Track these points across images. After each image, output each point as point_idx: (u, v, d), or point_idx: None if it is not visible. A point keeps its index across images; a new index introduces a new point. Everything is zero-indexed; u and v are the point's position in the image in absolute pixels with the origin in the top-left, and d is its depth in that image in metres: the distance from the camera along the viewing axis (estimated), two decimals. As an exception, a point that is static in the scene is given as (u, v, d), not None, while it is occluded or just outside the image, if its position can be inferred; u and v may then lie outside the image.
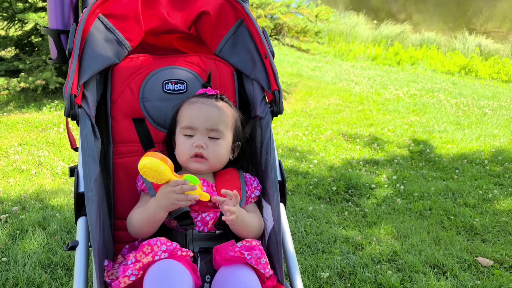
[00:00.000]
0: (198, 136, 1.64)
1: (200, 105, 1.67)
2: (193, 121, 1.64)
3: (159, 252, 1.39)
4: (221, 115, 1.67)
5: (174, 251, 1.40)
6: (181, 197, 1.45)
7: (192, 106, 1.68)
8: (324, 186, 3.80)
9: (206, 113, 1.65)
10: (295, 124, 5.65)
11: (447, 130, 5.71)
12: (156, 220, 1.53)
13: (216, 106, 1.68)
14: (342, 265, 2.69)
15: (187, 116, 1.66)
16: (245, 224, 1.58)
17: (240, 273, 1.41)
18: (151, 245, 1.43)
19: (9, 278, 2.40)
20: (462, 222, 3.33)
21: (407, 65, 11.18)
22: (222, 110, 1.68)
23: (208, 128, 1.64)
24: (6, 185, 3.49)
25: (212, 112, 1.66)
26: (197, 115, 1.64)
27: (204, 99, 1.69)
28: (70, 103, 1.55)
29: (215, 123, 1.65)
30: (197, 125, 1.64)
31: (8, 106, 5.53)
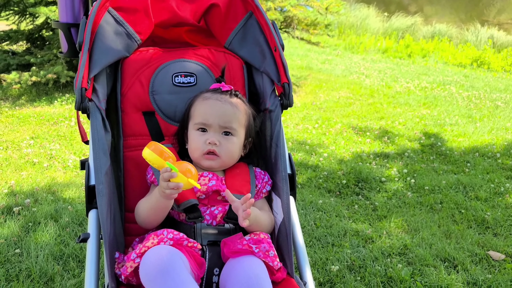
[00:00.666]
0: (211, 133, 1.64)
1: (214, 102, 1.66)
2: (207, 117, 1.64)
3: (164, 239, 1.41)
4: (235, 112, 1.66)
5: (180, 241, 1.41)
6: (164, 184, 1.43)
7: (206, 102, 1.67)
8: (334, 179, 3.79)
9: (220, 110, 1.64)
10: (305, 117, 5.64)
11: (459, 123, 5.66)
12: (160, 208, 1.53)
13: (230, 103, 1.67)
14: (352, 258, 2.69)
15: (201, 112, 1.66)
16: (257, 224, 1.59)
17: (246, 262, 1.41)
18: (158, 235, 1.44)
19: (22, 269, 2.43)
20: (474, 215, 3.30)
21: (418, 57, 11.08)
22: (236, 108, 1.67)
23: (221, 125, 1.64)
24: (18, 177, 3.53)
25: (226, 109, 1.65)
26: (211, 112, 1.64)
27: (218, 95, 1.69)
28: (80, 96, 1.56)
29: (229, 120, 1.64)
30: (211, 122, 1.63)
31: (20, 100, 5.59)
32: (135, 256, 1.39)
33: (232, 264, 1.43)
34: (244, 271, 1.37)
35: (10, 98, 5.65)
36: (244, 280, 1.34)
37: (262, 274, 1.39)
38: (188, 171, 1.42)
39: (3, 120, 4.88)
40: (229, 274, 1.41)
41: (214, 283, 1.46)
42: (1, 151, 4.03)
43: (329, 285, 2.45)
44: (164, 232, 1.44)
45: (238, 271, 1.38)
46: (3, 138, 4.33)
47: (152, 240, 1.40)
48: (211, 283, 1.46)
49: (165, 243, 1.39)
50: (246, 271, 1.37)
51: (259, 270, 1.39)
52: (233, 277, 1.38)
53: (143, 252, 1.38)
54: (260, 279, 1.36)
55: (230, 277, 1.39)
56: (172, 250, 1.36)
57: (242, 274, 1.36)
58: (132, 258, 1.39)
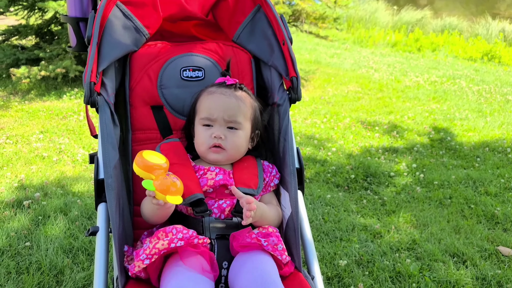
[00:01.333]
0: (217, 127, 1.63)
1: (219, 96, 1.66)
2: (212, 112, 1.63)
3: (175, 240, 1.40)
4: (240, 106, 1.66)
5: (190, 239, 1.41)
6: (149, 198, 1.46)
7: (211, 96, 1.67)
8: (342, 174, 3.78)
9: (225, 104, 1.64)
10: (313, 111, 5.62)
11: (469, 118, 5.61)
12: (161, 213, 1.53)
13: (235, 96, 1.66)
14: (360, 253, 2.68)
15: (206, 107, 1.65)
16: (264, 219, 1.58)
17: (257, 259, 1.41)
18: (166, 232, 1.44)
19: (32, 262, 2.45)
20: (483, 211, 3.28)
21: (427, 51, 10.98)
22: (241, 101, 1.66)
23: (226, 119, 1.63)
24: (28, 171, 3.56)
25: (231, 103, 1.64)
26: (216, 106, 1.64)
27: (223, 89, 1.68)
28: (89, 90, 1.56)
29: (234, 114, 1.64)
30: (216, 116, 1.63)
31: (30, 94, 5.62)
32: (145, 257, 1.38)
33: (242, 260, 1.43)
34: (255, 269, 1.37)
35: (19, 93, 5.69)
36: (255, 278, 1.34)
37: (272, 272, 1.39)
38: (168, 187, 1.38)
39: (13, 114, 4.92)
40: (240, 271, 1.40)
41: (223, 276, 1.46)
42: (11, 145, 4.07)
43: (337, 279, 2.45)
44: (173, 230, 1.44)
45: (248, 268, 1.38)
46: (13, 132, 4.36)
47: (163, 241, 1.39)
48: (220, 276, 1.46)
49: (175, 244, 1.38)
50: (257, 269, 1.37)
51: (270, 268, 1.39)
52: (243, 275, 1.38)
53: (153, 254, 1.37)
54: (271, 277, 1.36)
55: (240, 275, 1.39)
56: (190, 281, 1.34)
57: (253, 272, 1.36)
58: (142, 258, 1.38)
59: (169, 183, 1.40)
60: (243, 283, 1.36)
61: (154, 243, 1.40)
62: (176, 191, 1.40)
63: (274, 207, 1.67)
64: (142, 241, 1.59)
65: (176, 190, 1.41)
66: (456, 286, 2.43)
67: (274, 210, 1.65)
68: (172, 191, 1.39)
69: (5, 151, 3.92)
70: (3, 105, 5.22)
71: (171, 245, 1.38)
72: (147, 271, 1.44)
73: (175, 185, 1.40)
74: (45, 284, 2.30)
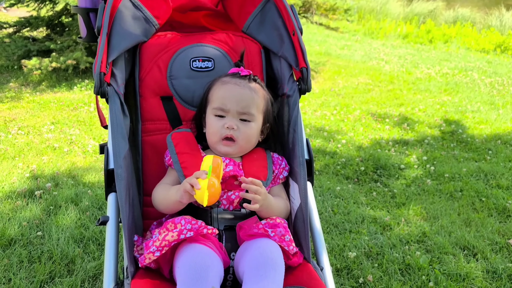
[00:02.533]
0: (229, 118, 1.62)
1: (233, 86, 1.65)
2: (225, 102, 1.62)
3: (184, 231, 1.40)
4: (254, 97, 1.65)
5: (199, 230, 1.41)
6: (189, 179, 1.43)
7: (225, 86, 1.66)
8: (352, 166, 3.77)
9: (239, 95, 1.63)
10: (323, 103, 5.59)
11: (481, 110, 5.55)
12: (175, 206, 1.53)
13: (249, 88, 1.65)
14: (370, 245, 2.67)
15: (219, 97, 1.64)
16: (271, 210, 1.58)
17: (261, 242, 1.41)
18: (175, 223, 1.45)
19: (44, 251, 2.48)
20: (495, 204, 3.25)
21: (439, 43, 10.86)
22: (254, 93, 1.65)
23: (240, 111, 1.62)
24: (40, 162, 3.59)
25: (245, 94, 1.63)
26: (230, 96, 1.63)
27: (237, 79, 1.67)
28: (99, 81, 1.56)
29: (247, 105, 1.63)
30: (229, 107, 1.62)
31: (41, 86, 5.66)
32: (155, 249, 1.38)
33: (247, 245, 1.44)
34: (257, 250, 1.37)
35: (31, 84, 5.73)
36: (257, 256, 1.35)
37: (275, 252, 1.38)
38: (213, 184, 1.40)
39: (24, 105, 4.96)
40: (243, 254, 1.41)
41: (231, 267, 1.47)
42: (23, 135, 4.11)
43: (346, 271, 2.45)
44: (182, 221, 1.44)
45: (251, 250, 1.38)
46: (25, 123, 4.40)
47: (172, 233, 1.40)
48: (228, 267, 1.46)
49: (185, 235, 1.39)
50: (260, 250, 1.37)
51: (273, 249, 1.39)
52: (246, 256, 1.38)
53: (163, 246, 1.38)
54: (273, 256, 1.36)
55: (244, 256, 1.40)
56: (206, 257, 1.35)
57: (256, 252, 1.36)
58: (152, 250, 1.39)
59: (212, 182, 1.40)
60: (244, 262, 1.37)
61: (163, 234, 1.40)
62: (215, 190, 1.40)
63: (283, 200, 1.66)
64: (151, 231, 1.60)
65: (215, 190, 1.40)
66: (467, 279, 2.41)
67: (282, 203, 1.64)
68: (214, 190, 1.40)
69: (17, 141, 3.95)
70: (15, 96, 5.27)
71: (180, 237, 1.38)
72: (157, 262, 1.44)
73: (214, 186, 1.40)
74: (56, 273, 2.33)
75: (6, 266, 2.36)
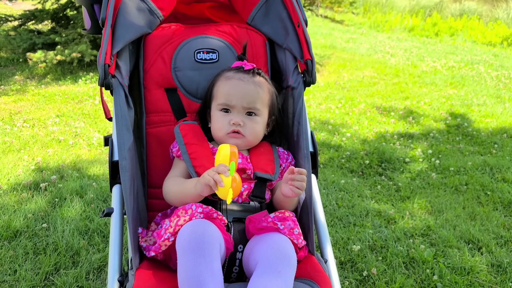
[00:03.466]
0: (235, 114, 1.62)
1: (237, 82, 1.64)
2: (230, 98, 1.62)
3: (196, 214, 1.39)
4: (259, 92, 1.64)
5: (210, 213, 1.41)
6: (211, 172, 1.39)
7: (229, 82, 1.65)
8: (356, 159, 3.76)
9: (244, 90, 1.62)
10: (328, 96, 5.58)
11: (487, 104, 5.52)
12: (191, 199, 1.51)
13: (253, 83, 1.64)
14: (374, 238, 2.67)
15: (224, 93, 1.63)
16: (284, 203, 1.58)
17: (273, 236, 1.41)
18: (186, 209, 1.44)
19: (49, 243, 2.49)
20: (500, 197, 3.24)
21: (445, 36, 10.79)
22: (259, 87, 1.64)
23: (245, 106, 1.62)
24: (45, 154, 3.61)
25: (249, 89, 1.63)
26: (235, 92, 1.62)
27: (241, 74, 1.66)
28: (103, 72, 1.56)
29: (253, 101, 1.62)
30: (234, 103, 1.61)
31: (46, 79, 5.67)
32: (169, 235, 1.38)
33: (257, 239, 1.43)
34: (271, 245, 1.36)
35: (36, 77, 5.74)
36: (272, 252, 1.33)
37: (289, 248, 1.37)
38: (234, 179, 1.38)
39: (29, 98, 4.97)
40: (254, 247, 1.40)
41: (237, 259, 1.46)
42: (28, 128, 4.12)
43: (350, 264, 2.45)
44: (192, 206, 1.44)
45: (264, 245, 1.37)
46: (30, 116, 4.42)
47: (184, 217, 1.40)
48: (235, 259, 1.46)
49: (196, 218, 1.38)
50: (273, 245, 1.36)
51: (287, 245, 1.38)
52: (258, 250, 1.37)
53: (177, 231, 1.38)
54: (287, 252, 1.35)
55: (256, 250, 1.39)
56: (207, 226, 1.34)
57: (270, 247, 1.35)
58: (167, 237, 1.38)
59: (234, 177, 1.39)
60: (258, 256, 1.35)
61: (175, 221, 1.39)
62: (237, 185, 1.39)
63: None
64: (157, 223, 1.60)
65: (237, 185, 1.39)
66: (471, 272, 2.41)
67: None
68: (236, 185, 1.39)
69: (22, 134, 3.97)
70: (20, 89, 5.28)
71: (192, 219, 1.38)
72: (164, 253, 1.45)
73: (235, 181, 1.39)
74: (61, 264, 2.34)
75: (12, 257, 2.37)
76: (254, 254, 1.38)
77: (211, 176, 1.38)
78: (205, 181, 1.40)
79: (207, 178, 1.39)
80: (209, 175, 1.39)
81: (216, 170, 1.39)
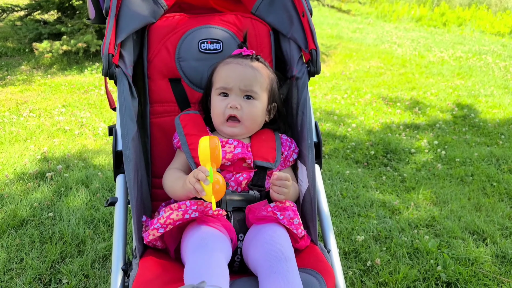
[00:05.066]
0: (232, 97, 1.62)
1: (235, 66, 1.64)
2: (227, 81, 1.62)
3: (189, 211, 1.41)
4: (256, 75, 1.64)
5: (205, 210, 1.42)
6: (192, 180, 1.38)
7: (227, 66, 1.65)
8: (362, 150, 3.75)
9: (241, 73, 1.62)
10: (333, 87, 5.55)
11: (494, 94, 5.47)
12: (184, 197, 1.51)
13: (251, 66, 1.64)
14: (378, 229, 2.67)
15: (222, 77, 1.64)
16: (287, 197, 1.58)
17: (270, 231, 1.41)
18: (179, 204, 1.45)
19: (55, 232, 2.52)
20: (506, 189, 3.22)
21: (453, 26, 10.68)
22: (257, 71, 1.64)
23: (242, 88, 1.62)
24: (51, 144, 3.63)
25: (247, 72, 1.63)
26: (232, 75, 1.62)
27: (239, 59, 1.66)
28: (107, 62, 1.56)
29: (250, 83, 1.62)
30: (231, 86, 1.61)
31: (52, 69, 5.68)
32: (159, 226, 1.40)
33: (255, 231, 1.44)
34: (267, 243, 1.36)
35: (42, 67, 5.76)
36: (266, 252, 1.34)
37: (286, 246, 1.37)
38: (217, 181, 1.36)
39: (36, 88, 4.99)
40: (252, 242, 1.41)
41: (239, 248, 1.47)
42: (34, 118, 4.14)
43: (354, 254, 2.45)
44: (187, 202, 1.45)
45: (261, 241, 1.38)
46: (36, 106, 4.43)
47: (177, 212, 1.41)
48: (236, 248, 1.47)
49: (190, 215, 1.40)
50: (271, 242, 1.36)
51: (283, 241, 1.38)
52: (255, 247, 1.38)
53: (168, 224, 1.39)
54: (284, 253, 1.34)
55: (253, 246, 1.40)
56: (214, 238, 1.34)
57: (265, 245, 1.36)
58: (156, 227, 1.40)
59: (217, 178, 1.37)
60: (254, 254, 1.36)
61: (168, 213, 1.42)
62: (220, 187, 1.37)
63: (293, 184, 1.66)
64: (159, 212, 1.61)
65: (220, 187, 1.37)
66: (475, 263, 2.40)
67: (293, 185, 1.64)
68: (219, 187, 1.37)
69: (29, 124, 3.99)
70: (26, 79, 5.30)
71: (185, 216, 1.39)
72: (164, 241, 1.46)
73: (218, 183, 1.37)
74: (67, 253, 2.36)
75: (18, 246, 2.40)
76: (251, 254, 1.38)
77: (192, 184, 1.38)
78: (188, 189, 1.40)
79: (189, 186, 1.39)
80: (190, 182, 1.39)
81: (197, 176, 1.37)
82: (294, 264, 1.33)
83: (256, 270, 1.34)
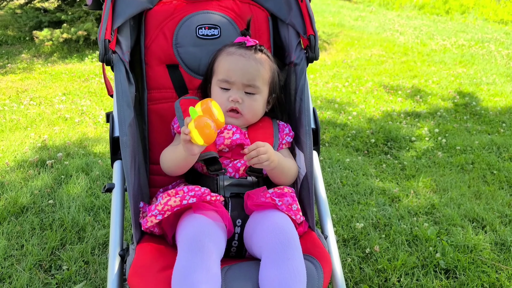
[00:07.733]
0: (234, 91, 1.61)
1: (238, 58, 1.62)
2: (230, 74, 1.60)
3: (186, 197, 1.41)
4: (260, 70, 1.62)
5: (202, 196, 1.42)
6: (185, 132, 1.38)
7: (230, 58, 1.63)
8: (362, 138, 3.74)
9: (244, 67, 1.60)
10: (334, 75, 5.53)
11: (496, 82, 5.44)
12: (183, 162, 1.52)
13: (254, 59, 1.62)
14: (378, 216, 2.67)
15: (224, 69, 1.62)
16: (283, 170, 1.57)
17: (273, 216, 1.41)
18: (177, 190, 1.45)
19: (55, 219, 2.53)
20: (506, 177, 3.21)
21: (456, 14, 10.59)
22: (260, 64, 1.62)
23: (245, 83, 1.60)
24: (51, 132, 3.63)
25: (250, 66, 1.61)
26: (235, 68, 1.60)
27: (243, 50, 1.64)
28: (104, 48, 1.55)
29: (253, 78, 1.60)
30: (234, 80, 1.60)
31: (52, 57, 5.67)
32: (157, 213, 1.40)
33: (258, 218, 1.43)
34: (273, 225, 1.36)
35: (42, 55, 5.74)
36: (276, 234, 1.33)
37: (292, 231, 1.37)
38: (206, 125, 1.35)
39: (36, 76, 4.98)
40: (256, 227, 1.41)
41: (236, 233, 1.48)
42: (35, 106, 4.14)
43: (353, 241, 2.46)
44: (184, 188, 1.45)
45: (267, 225, 1.37)
46: (37, 94, 4.43)
47: (174, 198, 1.41)
48: (234, 234, 1.48)
49: (187, 201, 1.39)
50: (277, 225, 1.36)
51: (289, 226, 1.38)
52: (261, 231, 1.37)
53: (166, 210, 1.39)
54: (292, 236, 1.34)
55: (258, 230, 1.39)
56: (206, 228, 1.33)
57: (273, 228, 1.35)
58: (154, 214, 1.40)
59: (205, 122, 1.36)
60: (262, 238, 1.35)
61: (166, 199, 1.42)
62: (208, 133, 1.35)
63: (291, 160, 1.65)
64: (157, 198, 1.61)
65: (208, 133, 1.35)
66: (474, 250, 2.41)
67: (291, 162, 1.63)
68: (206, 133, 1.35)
69: (29, 112, 3.99)
70: (27, 67, 5.29)
71: (183, 202, 1.39)
72: (161, 227, 1.46)
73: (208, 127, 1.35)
74: (67, 240, 2.37)
75: (19, 233, 2.41)
76: (257, 239, 1.38)
77: (182, 131, 1.39)
78: (182, 139, 1.41)
79: (182, 135, 1.40)
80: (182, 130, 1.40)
81: (185, 123, 1.39)
82: (300, 251, 1.33)
83: (264, 255, 1.32)
